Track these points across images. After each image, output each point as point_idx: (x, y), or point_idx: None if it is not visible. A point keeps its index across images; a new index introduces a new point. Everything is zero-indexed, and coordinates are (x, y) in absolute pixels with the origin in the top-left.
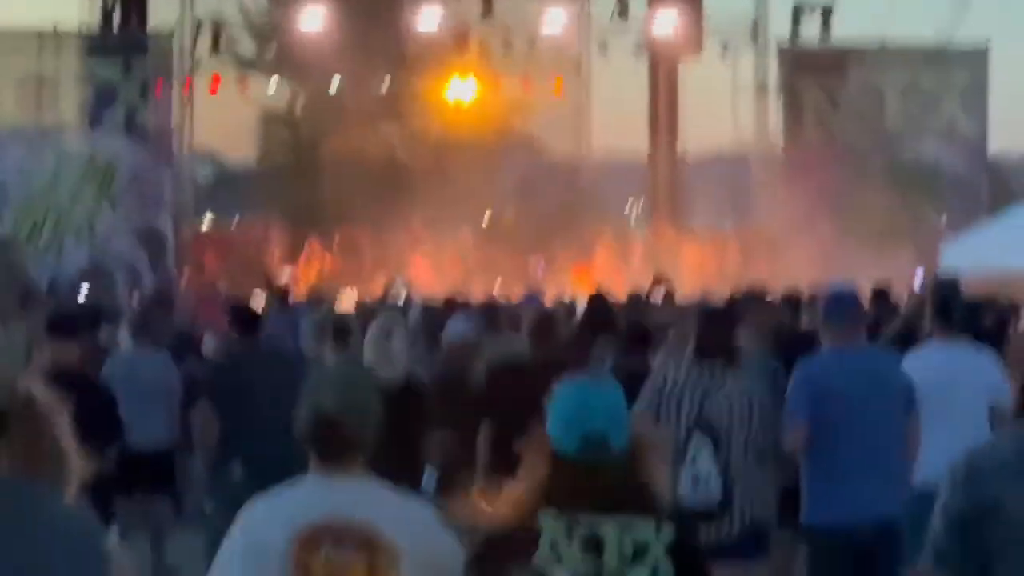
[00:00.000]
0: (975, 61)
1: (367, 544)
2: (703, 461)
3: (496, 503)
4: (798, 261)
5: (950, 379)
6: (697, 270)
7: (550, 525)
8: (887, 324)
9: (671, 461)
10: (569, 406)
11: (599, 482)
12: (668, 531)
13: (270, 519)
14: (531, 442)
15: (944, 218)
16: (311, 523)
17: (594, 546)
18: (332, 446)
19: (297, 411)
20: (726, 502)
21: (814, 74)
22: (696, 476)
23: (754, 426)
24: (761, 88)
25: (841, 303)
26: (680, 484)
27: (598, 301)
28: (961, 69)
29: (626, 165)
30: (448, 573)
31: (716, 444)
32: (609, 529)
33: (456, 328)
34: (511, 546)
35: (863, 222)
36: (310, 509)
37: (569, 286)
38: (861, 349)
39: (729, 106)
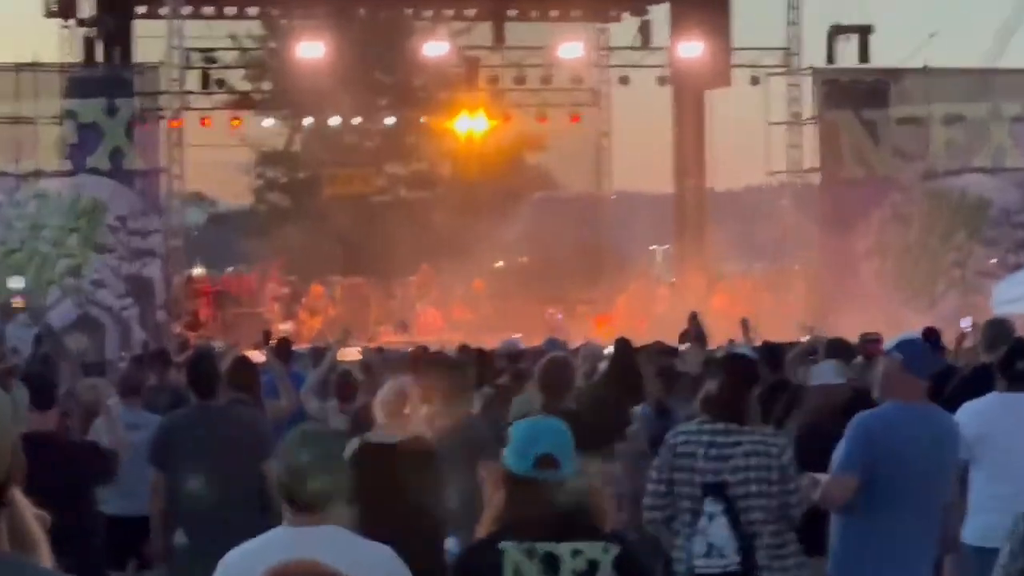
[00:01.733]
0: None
1: None
2: (718, 527)
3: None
4: (836, 307)
5: (1014, 433)
6: (727, 317)
7: (511, 552)
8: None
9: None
10: (521, 434)
11: (552, 503)
12: (614, 549)
13: (244, 564)
14: (489, 476)
15: (994, 257)
16: (279, 566)
17: (551, 566)
18: (302, 497)
19: (274, 467)
20: (749, 568)
21: (851, 103)
22: (710, 544)
23: (775, 487)
24: (795, 119)
25: (915, 357)
26: (693, 550)
27: (624, 347)
28: (1009, 95)
29: (650, 204)
30: None
31: (732, 507)
32: (563, 550)
33: None
34: (477, 572)
35: (905, 262)
36: (279, 553)
37: (591, 336)
38: (925, 409)
39: (760, 140)
